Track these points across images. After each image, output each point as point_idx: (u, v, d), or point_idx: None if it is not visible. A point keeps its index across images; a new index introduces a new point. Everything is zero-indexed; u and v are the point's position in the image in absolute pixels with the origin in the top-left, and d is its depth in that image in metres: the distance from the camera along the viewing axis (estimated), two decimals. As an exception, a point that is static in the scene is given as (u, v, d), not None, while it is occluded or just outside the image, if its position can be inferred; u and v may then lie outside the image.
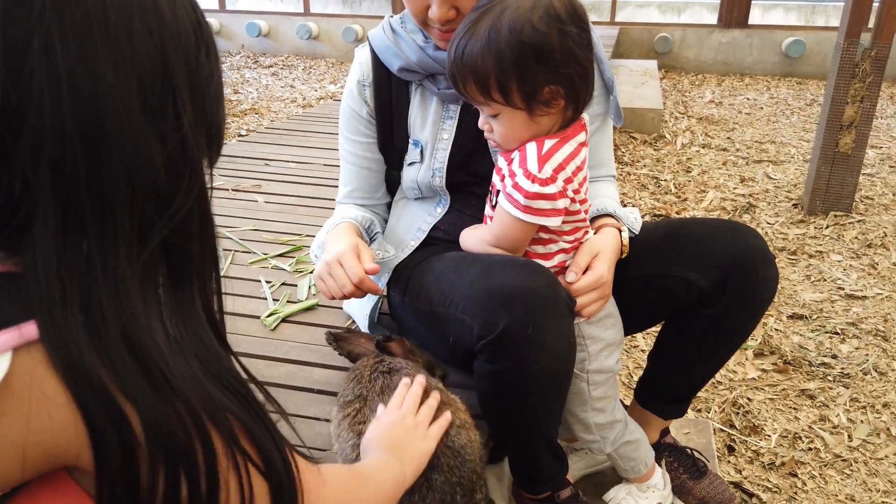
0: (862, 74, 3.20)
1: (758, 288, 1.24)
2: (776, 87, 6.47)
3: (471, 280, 1.14)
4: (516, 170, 1.13)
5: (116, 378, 0.53)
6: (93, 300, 0.53)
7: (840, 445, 1.95)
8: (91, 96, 0.52)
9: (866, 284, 2.84)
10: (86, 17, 0.52)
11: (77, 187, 0.52)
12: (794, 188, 3.90)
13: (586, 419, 1.30)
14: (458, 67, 1.12)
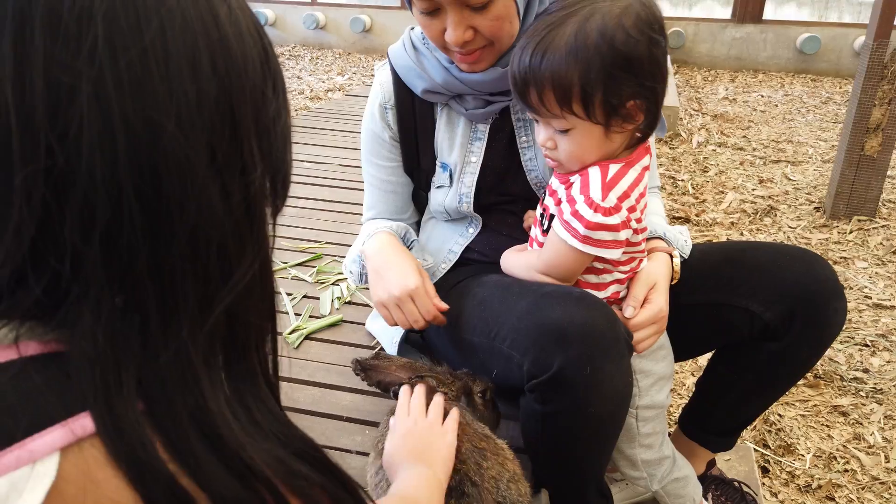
0: (891, 76, 3.12)
1: (828, 323, 1.17)
2: (790, 84, 6.38)
3: (520, 313, 1.07)
4: (576, 196, 1.05)
5: (191, 472, 0.46)
6: (156, 386, 0.46)
7: (877, 467, 1.89)
8: (150, 150, 0.44)
9: (894, 294, 2.77)
10: (143, 55, 0.44)
11: (134, 258, 0.45)
12: (813, 190, 3.83)
13: (633, 456, 1.24)
14: (535, 75, 1.01)
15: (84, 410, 0.44)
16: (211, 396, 0.49)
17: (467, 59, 1.20)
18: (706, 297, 1.21)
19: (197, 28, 0.46)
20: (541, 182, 1.32)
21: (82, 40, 0.42)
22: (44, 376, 0.45)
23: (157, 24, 0.44)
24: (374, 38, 7.77)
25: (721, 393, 1.33)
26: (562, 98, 1.00)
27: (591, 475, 1.19)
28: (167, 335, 0.47)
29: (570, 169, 1.10)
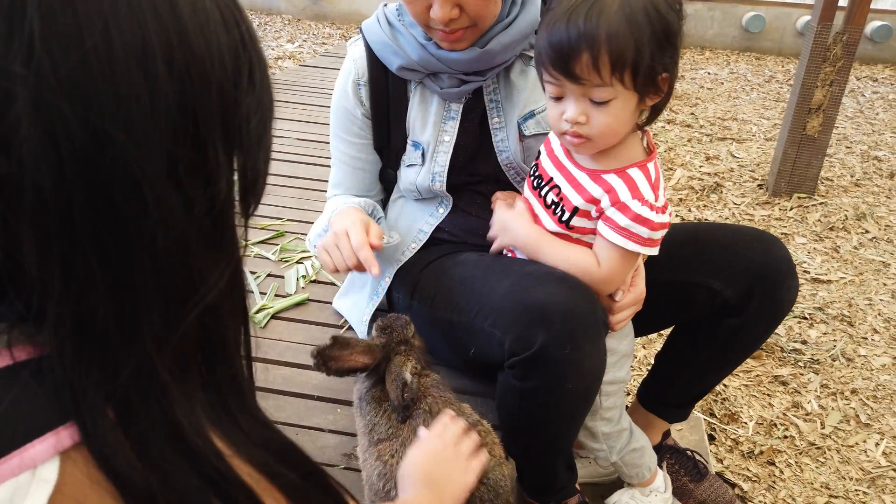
0: (833, 59, 3.24)
1: (782, 300, 1.25)
2: (735, 62, 6.54)
3: (503, 292, 1.10)
4: (629, 202, 1.06)
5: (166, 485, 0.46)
6: (123, 402, 0.45)
7: (813, 433, 2.02)
8: (98, 162, 0.41)
9: (830, 268, 2.93)
10: (85, 58, 0.40)
11: (88, 273, 0.43)
12: (757, 167, 3.97)
13: (594, 428, 1.30)
14: (592, 38, 0.98)
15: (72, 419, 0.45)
16: (181, 408, 0.48)
17: (450, 38, 1.21)
18: (671, 276, 1.27)
19: (149, 21, 0.42)
20: (511, 163, 1.34)
21: (13, 39, 0.39)
22: (38, 382, 0.44)
23: (101, 23, 0.40)
24: (325, 4, 7.60)
25: (680, 367, 1.41)
26: (616, 62, 0.99)
27: (562, 449, 1.24)
28: (129, 351, 0.45)
29: (599, 146, 1.09)
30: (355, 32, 1.39)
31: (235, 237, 0.51)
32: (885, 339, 2.46)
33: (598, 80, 1.01)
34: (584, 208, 1.12)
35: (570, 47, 1.00)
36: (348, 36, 6.77)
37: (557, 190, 1.17)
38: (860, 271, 2.91)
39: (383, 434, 1.07)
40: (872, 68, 6.46)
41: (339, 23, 7.57)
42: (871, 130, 4.70)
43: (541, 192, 1.20)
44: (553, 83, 1.06)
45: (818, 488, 1.83)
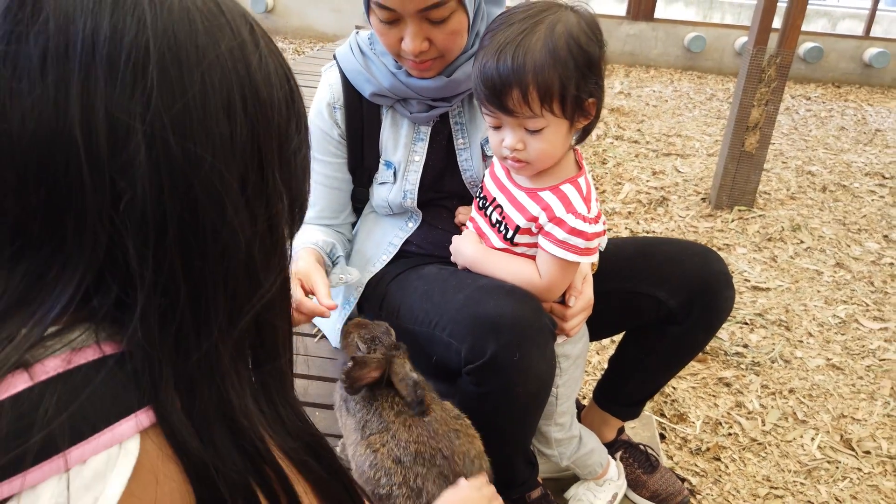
0: (767, 80, 3.45)
1: (719, 309, 1.37)
2: (679, 81, 6.82)
3: (458, 305, 1.19)
4: (563, 216, 1.15)
5: (216, 460, 0.55)
6: (189, 383, 0.54)
7: (755, 430, 2.16)
8: (189, 182, 0.52)
9: (768, 277, 3.11)
10: (187, 104, 0.52)
11: (174, 271, 0.52)
12: (700, 182, 4.17)
13: (548, 433, 1.39)
14: (519, 76, 1.06)
15: (149, 403, 0.53)
16: (234, 391, 0.57)
17: (419, 67, 1.29)
18: (620, 286, 1.37)
19: (232, 78, 0.54)
20: (474, 181, 1.43)
21: (136, 87, 0.50)
22: (124, 372, 0.53)
23: (200, 76, 0.52)
24: (276, 19, 7.62)
25: (631, 369, 1.51)
26: (544, 95, 1.07)
27: (519, 447, 1.33)
28: (199, 339, 0.55)
29: (538, 168, 1.18)
30: (308, 47, 1.46)
31: (286, 249, 0.62)
32: (819, 342, 2.63)
33: (530, 113, 1.10)
34: (524, 226, 1.20)
35: (501, 84, 1.08)
36: (301, 51, 6.80)
37: (500, 209, 1.25)
38: (796, 279, 3.09)
39: (375, 429, 1.14)
40: (806, 87, 6.83)
41: (292, 37, 7.60)
42: (805, 146, 4.97)
43: (486, 211, 1.29)
44: (490, 115, 1.15)
45: (760, 481, 1.96)
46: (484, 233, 1.30)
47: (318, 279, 1.21)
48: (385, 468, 1.09)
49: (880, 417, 2.24)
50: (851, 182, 4.29)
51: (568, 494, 1.55)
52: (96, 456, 0.49)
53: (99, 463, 0.49)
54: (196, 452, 0.54)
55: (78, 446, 0.49)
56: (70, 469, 0.48)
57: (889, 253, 3.38)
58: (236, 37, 0.55)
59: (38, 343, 0.50)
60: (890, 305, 2.91)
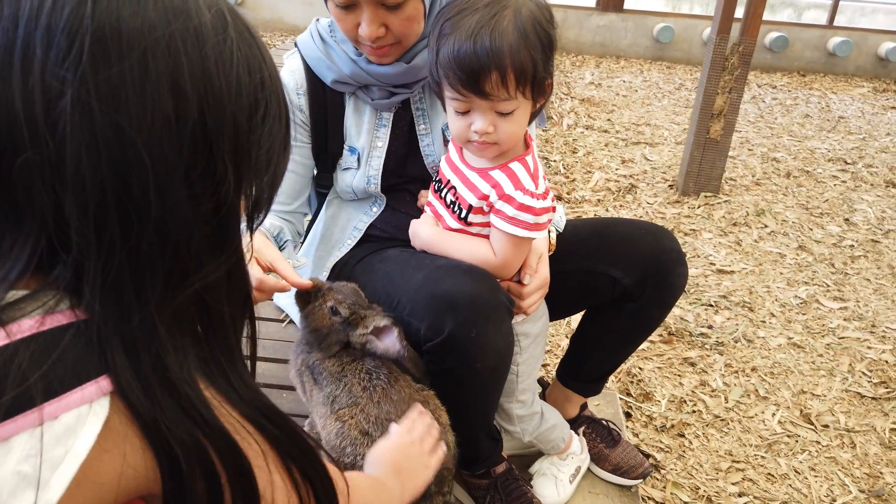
0: (731, 68, 3.52)
1: (672, 286, 1.41)
2: (648, 71, 6.90)
3: (417, 285, 1.22)
4: (512, 193, 1.18)
5: (164, 418, 0.57)
6: (133, 348, 0.57)
7: (718, 407, 2.22)
8: (123, 158, 0.53)
9: (733, 260, 3.18)
10: (121, 75, 0.52)
11: (112, 238, 0.54)
12: (668, 169, 4.24)
13: (510, 410, 1.42)
14: (497, 59, 1.08)
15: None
16: (172, 359, 0.59)
17: (377, 53, 1.32)
18: (577, 266, 1.41)
19: (182, 59, 0.55)
20: (436, 165, 1.46)
21: (69, 54, 0.51)
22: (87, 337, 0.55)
23: (140, 52, 0.53)
24: (247, 12, 7.51)
25: (590, 347, 1.55)
26: (520, 78, 1.11)
27: (482, 422, 1.37)
28: (138, 304, 0.57)
29: (505, 149, 1.21)
30: (280, 40, 1.47)
31: (239, 239, 0.63)
32: (780, 322, 2.71)
33: (506, 95, 1.13)
34: (477, 205, 1.24)
35: (479, 67, 1.09)
36: (273, 44, 6.76)
37: (454, 190, 1.29)
38: (759, 262, 3.17)
39: (344, 404, 1.17)
40: (772, 76, 6.94)
41: (263, 31, 7.54)
42: (771, 134, 5.07)
43: (441, 193, 1.32)
44: (461, 100, 1.16)
45: (723, 455, 2.01)
46: (440, 214, 1.33)
47: (276, 256, 1.23)
48: (351, 438, 1.12)
49: (839, 393, 2.31)
50: (815, 168, 4.39)
51: (532, 469, 1.59)
52: (68, 413, 0.52)
53: (70, 419, 0.52)
54: (147, 412, 0.56)
55: (51, 402, 0.51)
56: (43, 423, 0.51)
57: (850, 236, 3.47)
58: (194, 20, 0.56)
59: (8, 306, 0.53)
60: (849, 286, 2.99)
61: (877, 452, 2.05)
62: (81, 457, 0.52)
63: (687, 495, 1.84)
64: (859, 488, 1.91)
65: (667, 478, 1.89)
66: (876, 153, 4.72)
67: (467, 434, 1.37)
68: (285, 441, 0.68)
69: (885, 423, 2.17)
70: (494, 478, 1.46)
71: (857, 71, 7.13)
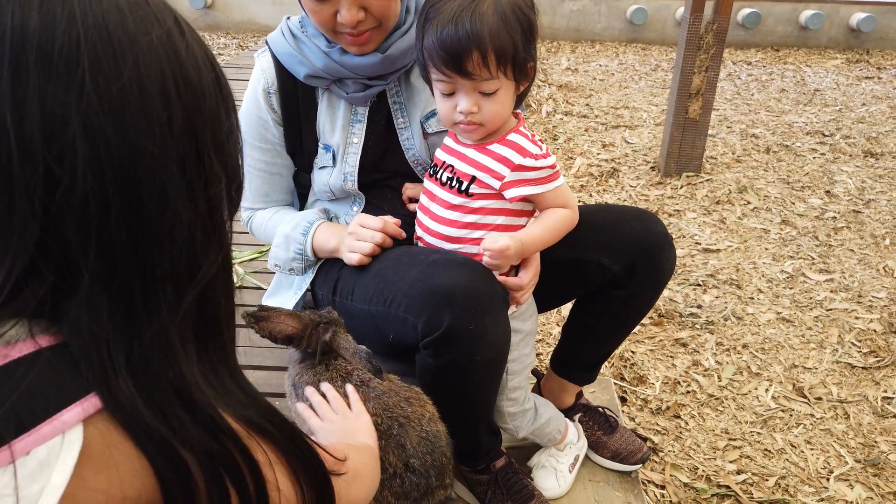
0: (706, 46, 3.53)
1: (661, 269, 1.41)
2: (624, 54, 6.90)
3: (412, 280, 1.20)
4: (522, 162, 1.23)
5: (174, 432, 0.57)
6: (142, 362, 0.56)
7: (712, 386, 2.23)
8: (131, 168, 0.54)
9: (718, 238, 3.19)
10: (122, 90, 0.53)
11: (120, 254, 0.54)
12: (649, 151, 4.25)
13: (501, 408, 1.42)
14: (478, 39, 1.13)
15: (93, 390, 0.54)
16: (186, 367, 0.59)
17: (358, 41, 1.30)
18: (565, 255, 1.40)
19: (164, 64, 0.56)
20: (417, 159, 1.45)
21: (70, 77, 0.51)
22: (62, 363, 0.54)
23: (133, 63, 0.54)
24: (217, 14, 7.48)
25: (583, 335, 1.55)
26: (500, 57, 1.16)
27: (481, 416, 1.36)
28: (150, 318, 0.57)
29: (489, 130, 1.26)
30: (252, 41, 1.46)
31: (225, 229, 0.64)
32: (768, 298, 2.72)
33: (487, 74, 1.17)
34: (478, 177, 1.26)
35: (461, 48, 1.15)
36: (245, 45, 6.69)
37: (451, 168, 1.30)
38: (744, 239, 3.18)
39: None
40: (746, 52, 6.97)
41: (234, 32, 7.47)
42: (748, 110, 5.09)
43: (435, 175, 1.34)
44: (445, 81, 1.20)
45: (719, 434, 2.03)
46: (436, 196, 1.32)
47: (375, 219, 1.35)
48: None
49: (829, 364, 2.33)
50: (793, 142, 4.41)
51: (531, 462, 1.58)
52: (38, 448, 0.50)
53: (42, 454, 0.50)
54: (154, 429, 0.56)
55: (20, 439, 0.50)
56: (15, 461, 0.49)
57: (832, 207, 3.50)
58: (163, 25, 0.57)
59: None
60: (834, 257, 3.02)
61: (870, 422, 2.07)
62: (59, 491, 0.51)
63: (686, 476, 1.85)
64: (855, 458, 1.93)
65: (665, 460, 1.90)
66: (853, 124, 4.76)
67: (467, 429, 1.36)
68: (287, 443, 0.67)
69: (877, 392, 2.19)
70: (495, 472, 1.45)
71: (829, 43, 7.17)
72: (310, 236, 1.42)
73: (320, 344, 1.20)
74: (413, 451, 1.13)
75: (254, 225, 1.55)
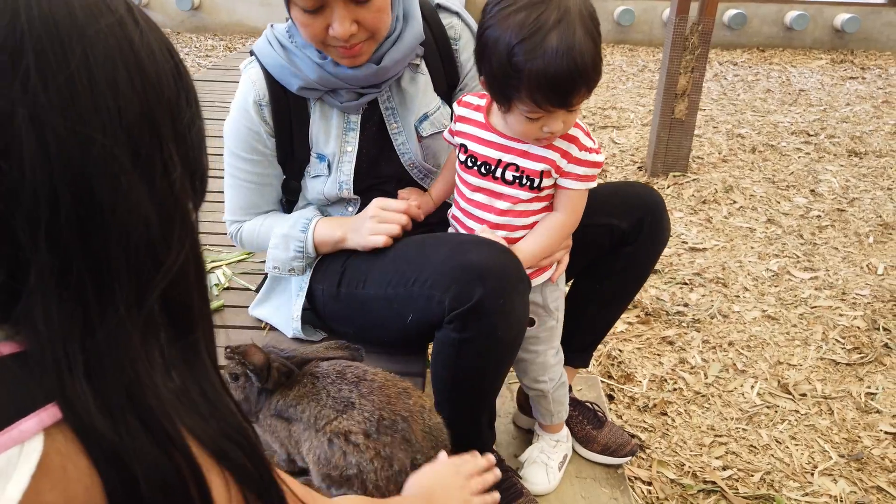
0: (691, 47, 3.56)
1: (664, 228, 1.49)
2: (611, 55, 6.94)
3: (442, 258, 1.23)
4: (580, 156, 1.27)
5: (121, 441, 0.54)
6: (96, 364, 0.53)
7: (698, 383, 2.25)
8: (82, 161, 0.51)
9: (705, 237, 3.22)
10: (70, 81, 0.51)
11: (72, 252, 0.52)
12: (636, 151, 4.28)
13: (546, 359, 1.48)
14: (586, 77, 1.14)
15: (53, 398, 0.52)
16: (144, 371, 0.56)
17: (350, 53, 1.29)
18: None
19: (115, 54, 0.54)
20: (413, 163, 1.46)
21: (15, 70, 0.49)
22: (22, 370, 0.52)
23: (81, 52, 0.52)
24: (204, 16, 7.46)
25: (584, 306, 1.58)
26: (597, 79, 1.17)
27: (488, 402, 1.39)
28: (106, 315, 0.54)
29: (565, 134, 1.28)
30: (240, 43, 1.44)
31: (191, 222, 0.61)
32: (754, 296, 2.75)
33: (584, 99, 1.20)
34: (546, 170, 1.29)
35: (572, 87, 1.14)
36: (233, 47, 6.68)
37: (514, 167, 1.30)
38: (730, 238, 3.21)
39: (332, 415, 1.14)
40: (732, 53, 7.03)
41: (222, 34, 7.45)
42: (735, 110, 5.13)
43: (494, 174, 1.31)
44: (539, 112, 1.18)
45: (705, 430, 2.05)
46: (500, 194, 1.32)
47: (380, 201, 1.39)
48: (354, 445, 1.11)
49: (814, 361, 2.36)
50: (779, 141, 4.45)
51: (523, 457, 1.60)
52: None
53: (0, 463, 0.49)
54: (107, 440, 0.53)
55: None
56: None
57: (816, 206, 3.53)
58: (114, 13, 0.55)
59: None
60: (819, 255, 3.05)
61: (854, 417, 2.10)
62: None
63: (673, 472, 1.87)
64: (839, 453, 1.96)
65: (652, 457, 1.92)
66: (837, 123, 4.81)
67: (472, 415, 1.37)
68: (253, 474, 0.64)
69: (861, 387, 2.22)
70: (483, 468, 1.47)
71: (814, 44, 7.24)
72: (310, 232, 1.42)
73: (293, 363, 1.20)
74: (419, 447, 1.13)
75: (243, 235, 1.53)
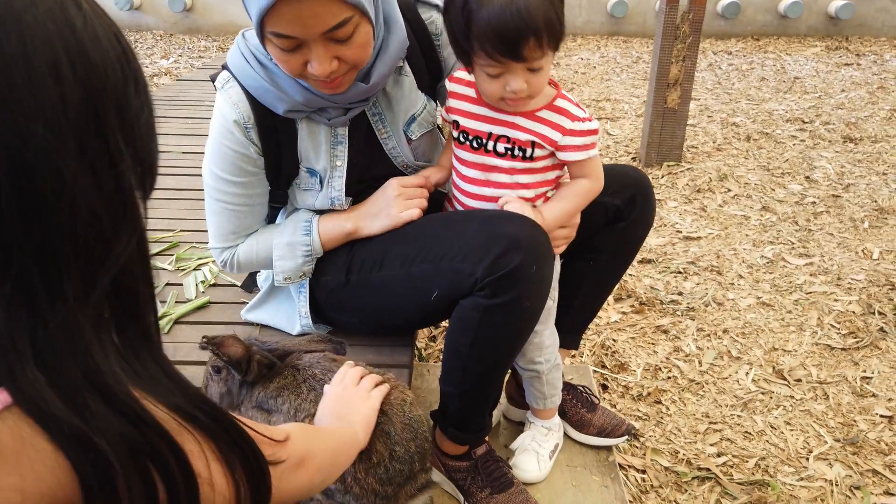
0: (682, 36, 3.54)
1: (652, 206, 1.52)
2: (605, 47, 6.93)
3: (474, 230, 1.25)
4: (573, 126, 1.30)
5: (84, 421, 0.54)
6: (50, 353, 0.53)
7: (693, 371, 2.24)
8: (21, 151, 0.50)
9: (699, 226, 3.21)
10: (7, 70, 0.49)
11: (17, 242, 0.51)
12: (630, 142, 4.26)
13: (542, 339, 1.47)
14: (532, 28, 1.15)
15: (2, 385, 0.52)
16: (100, 355, 0.56)
17: (331, 86, 1.25)
18: None
19: (55, 40, 0.52)
20: (406, 163, 1.46)
21: None
22: None
23: (17, 39, 0.50)
24: (196, 17, 7.46)
25: (577, 285, 1.58)
26: (551, 37, 1.18)
27: (499, 379, 1.40)
28: (55, 305, 0.53)
29: (536, 98, 1.30)
30: (232, 44, 1.39)
31: (139, 212, 0.61)
32: (748, 283, 2.74)
33: (540, 55, 1.19)
34: (537, 141, 1.31)
35: (518, 36, 1.15)
36: (226, 48, 6.67)
37: (505, 139, 1.32)
38: (725, 226, 3.20)
39: (311, 408, 1.14)
40: (727, 42, 7.01)
41: (215, 35, 7.45)
42: (729, 99, 5.12)
43: (486, 147, 1.34)
44: (495, 66, 1.22)
45: (700, 418, 2.04)
46: (494, 167, 1.35)
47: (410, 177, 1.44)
48: None
49: (809, 347, 2.34)
50: (774, 129, 4.44)
51: (514, 445, 1.59)
52: None
53: None
54: (68, 423, 0.53)
55: None
56: None
57: (811, 193, 3.52)
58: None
59: None
60: (814, 242, 3.04)
61: (849, 402, 2.08)
62: None
63: (667, 460, 1.86)
64: (834, 438, 1.94)
65: (646, 445, 1.91)
66: (832, 110, 4.79)
67: (480, 390, 1.37)
68: (218, 430, 0.65)
69: (856, 372, 2.21)
70: (476, 459, 1.46)
71: (808, 31, 7.22)
72: (314, 233, 1.41)
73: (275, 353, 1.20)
74: (398, 439, 1.13)
75: (240, 259, 1.47)
